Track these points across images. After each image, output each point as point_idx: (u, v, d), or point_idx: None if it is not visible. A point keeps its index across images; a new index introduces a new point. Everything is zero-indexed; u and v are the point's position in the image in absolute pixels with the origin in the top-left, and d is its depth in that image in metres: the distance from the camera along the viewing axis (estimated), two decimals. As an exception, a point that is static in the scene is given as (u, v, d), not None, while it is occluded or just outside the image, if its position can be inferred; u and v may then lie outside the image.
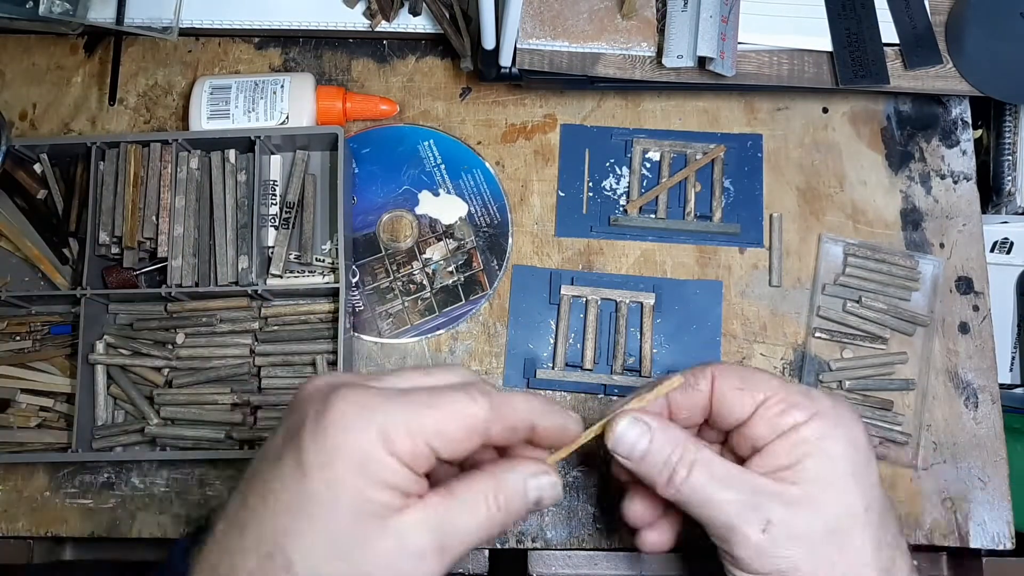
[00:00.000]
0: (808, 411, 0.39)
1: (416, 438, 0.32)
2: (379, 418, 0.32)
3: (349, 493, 0.32)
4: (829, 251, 0.58)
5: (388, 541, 0.32)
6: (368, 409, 0.32)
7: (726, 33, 0.54)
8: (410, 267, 0.58)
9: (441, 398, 0.34)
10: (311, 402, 0.33)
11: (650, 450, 0.39)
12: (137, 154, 0.56)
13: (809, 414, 0.39)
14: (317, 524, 0.32)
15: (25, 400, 0.55)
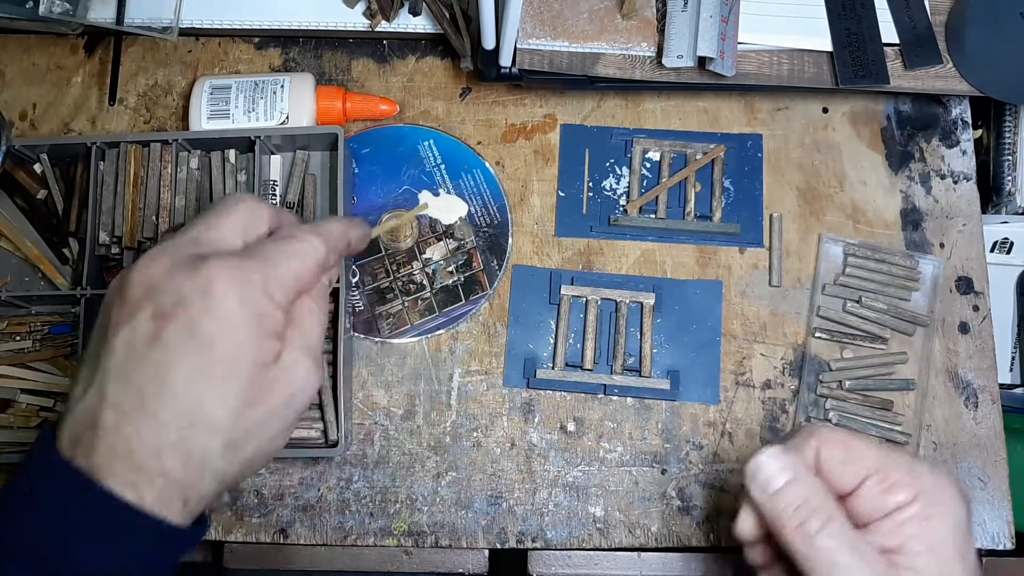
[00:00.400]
0: (911, 490, 0.40)
1: (287, 287, 0.39)
2: (257, 280, 0.37)
3: (250, 350, 0.37)
4: (829, 251, 0.58)
5: (283, 375, 0.38)
6: (245, 274, 0.37)
7: (726, 33, 0.54)
8: (410, 267, 0.58)
9: (290, 252, 0.39)
10: (180, 283, 0.37)
11: (787, 489, 0.40)
12: (137, 154, 0.56)
13: (912, 494, 0.40)
14: (230, 383, 0.36)
15: (25, 400, 0.55)
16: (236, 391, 0.37)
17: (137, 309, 0.37)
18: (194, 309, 0.36)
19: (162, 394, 0.36)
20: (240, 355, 0.37)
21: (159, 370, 0.36)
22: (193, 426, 0.36)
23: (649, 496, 0.54)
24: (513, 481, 0.54)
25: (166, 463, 0.35)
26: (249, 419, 0.37)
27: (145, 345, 0.36)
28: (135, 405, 0.36)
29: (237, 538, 0.53)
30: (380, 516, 0.54)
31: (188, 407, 0.36)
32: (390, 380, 0.56)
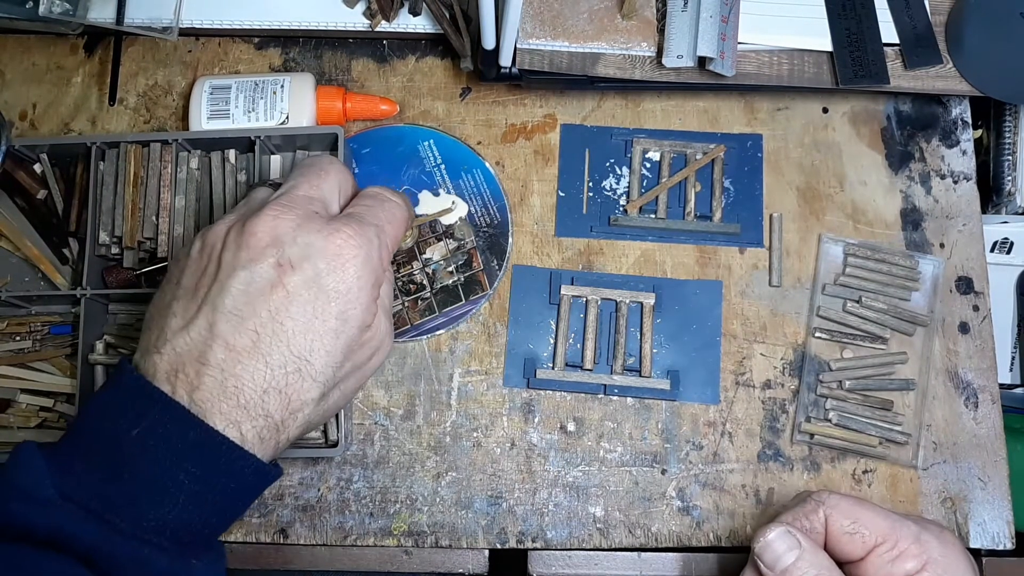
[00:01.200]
0: (919, 559, 0.42)
1: (392, 251, 0.43)
2: (376, 245, 0.41)
3: (362, 311, 0.40)
4: (829, 251, 0.58)
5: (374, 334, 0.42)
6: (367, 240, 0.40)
7: (726, 33, 0.54)
8: (410, 267, 0.58)
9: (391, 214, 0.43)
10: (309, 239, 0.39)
11: (794, 567, 0.41)
12: (137, 154, 0.56)
13: (921, 563, 0.42)
14: (339, 340, 0.39)
15: (25, 400, 0.55)
16: (342, 347, 0.39)
17: (261, 256, 0.39)
18: (322, 264, 0.39)
19: (277, 338, 0.38)
20: (353, 314, 0.39)
21: (277, 315, 0.38)
22: (299, 372, 0.38)
23: (649, 496, 0.54)
24: (513, 481, 0.54)
25: (270, 404, 0.37)
26: (342, 372, 0.40)
27: (265, 289, 0.38)
28: (248, 345, 0.37)
29: (237, 538, 0.53)
30: (380, 516, 0.54)
31: (298, 354, 0.38)
32: (390, 380, 0.56)
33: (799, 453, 0.55)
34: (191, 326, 0.38)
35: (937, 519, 0.53)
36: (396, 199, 0.45)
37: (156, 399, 0.36)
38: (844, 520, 0.43)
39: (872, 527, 0.42)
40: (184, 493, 0.36)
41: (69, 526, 0.34)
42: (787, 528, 0.42)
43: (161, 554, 0.35)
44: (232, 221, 0.41)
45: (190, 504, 0.36)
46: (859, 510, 0.43)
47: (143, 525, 0.35)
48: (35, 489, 0.35)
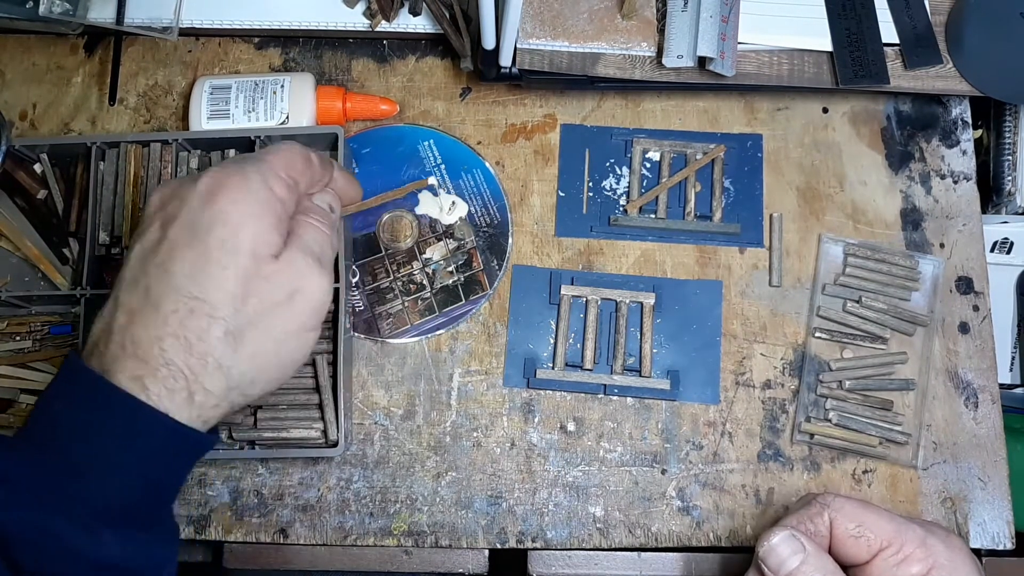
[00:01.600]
0: (925, 563, 0.42)
1: (281, 175, 0.41)
2: (252, 171, 0.39)
3: (248, 236, 0.38)
4: (829, 251, 0.58)
5: (285, 269, 0.39)
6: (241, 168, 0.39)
7: (726, 33, 0.54)
8: (410, 267, 0.58)
9: (275, 147, 0.43)
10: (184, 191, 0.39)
11: (799, 572, 0.41)
12: (137, 154, 0.56)
13: (927, 567, 0.41)
14: (228, 271, 0.37)
15: (26, 400, 0.55)
16: (233, 276, 0.38)
17: (149, 223, 0.40)
18: (195, 203, 0.38)
19: (163, 285, 0.37)
20: (237, 240, 0.38)
21: (163, 266, 0.38)
22: (192, 312, 0.37)
23: (649, 496, 0.54)
24: (513, 481, 0.54)
25: (168, 351, 0.36)
26: (249, 309, 0.38)
27: (152, 249, 0.38)
28: (140, 302, 0.37)
29: (237, 538, 0.53)
30: (380, 516, 0.54)
31: (187, 294, 0.37)
32: (390, 380, 0.56)
33: (799, 453, 0.55)
34: (105, 307, 0.39)
35: (937, 519, 0.53)
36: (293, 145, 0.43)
37: (76, 373, 0.37)
38: (849, 523, 0.43)
39: (877, 530, 0.42)
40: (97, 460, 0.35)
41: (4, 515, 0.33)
42: (791, 531, 0.42)
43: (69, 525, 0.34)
44: None
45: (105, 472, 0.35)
46: (865, 513, 0.43)
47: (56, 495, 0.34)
48: None
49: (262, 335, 0.39)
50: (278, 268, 0.39)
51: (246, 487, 0.54)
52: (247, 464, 0.54)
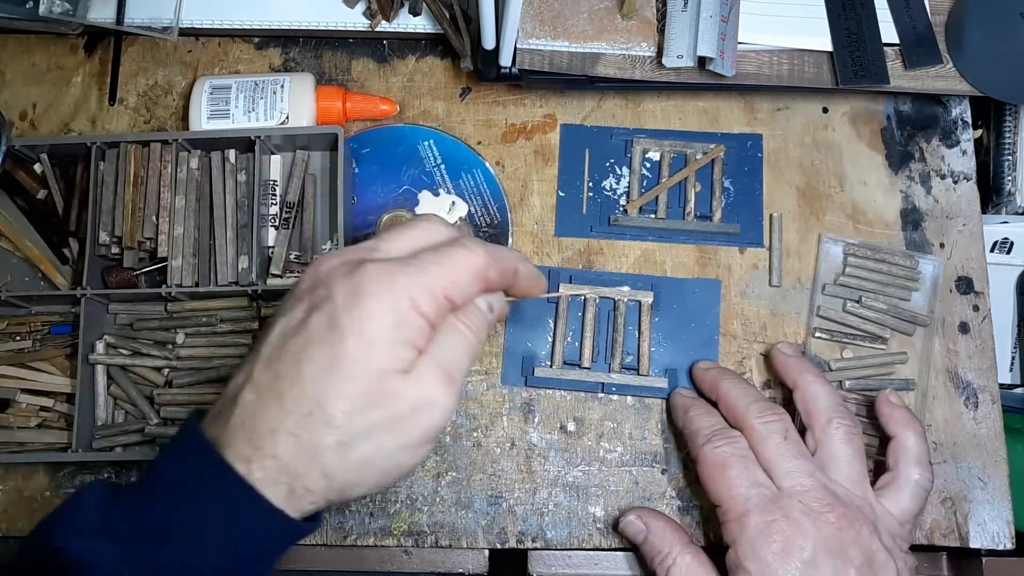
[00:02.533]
0: None
1: (436, 293, 0.38)
2: (404, 283, 0.37)
3: (379, 354, 0.37)
4: (829, 251, 0.58)
5: (412, 387, 0.38)
6: (394, 277, 0.38)
7: (726, 33, 0.54)
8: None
9: (447, 255, 0.39)
10: (334, 280, 0.38)
11: (645, 541, 0.49)
12: (137, 154, 0.56)
13: None
14: (353, 382, 0.36)
15: (25, 400, 0.55)
16: (356, 392, 0.37)
17: (298, 302, 0.39)
18: (340, 301, 0.37)
19: (292, 379, 0.37)
20: (367, 356, 0.37)
21: (297, 356, 0.37)
22: (310, 415, 0.36)
23: (649, 496, 0.54)
24: (513, 481, 0.54)
25: (280, 446, 0.36)
26: (365, 422, 0.37)
27: (292, 332, 0.38)
28: (268, 385, 0.37)
29: (237, 538, 0.53)
30: (380, 516, 0.54)
31: (310, 396, 0.37)
32: (390, 380, 0.56)
33: (799, 453, 0.54)
34: (239, 373, 0.39)
35: (937, 519, 0.53)
36: (468, 244, 0.40)
37: (193, 438, 0.38)
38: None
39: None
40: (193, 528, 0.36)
41: (90, 555, 0.35)
42: (634, 514, 0.50)
43: None
44: None
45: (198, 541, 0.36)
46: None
47: (156, 560, 0.36)
48: (80, 520, 0.36)
49: (374, 447, 0.38)
50: (405, 385, 0.37)
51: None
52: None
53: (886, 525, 0.46)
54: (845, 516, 0.44)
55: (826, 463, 0.47)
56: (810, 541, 0.43)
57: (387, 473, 0.39)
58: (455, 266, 0.39)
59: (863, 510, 0.46)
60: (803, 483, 0.46)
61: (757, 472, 0.46)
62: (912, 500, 0.48)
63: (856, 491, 0.47)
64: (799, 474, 0.46)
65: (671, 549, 0.47)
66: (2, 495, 0.55)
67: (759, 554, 0.44)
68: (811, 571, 0.43)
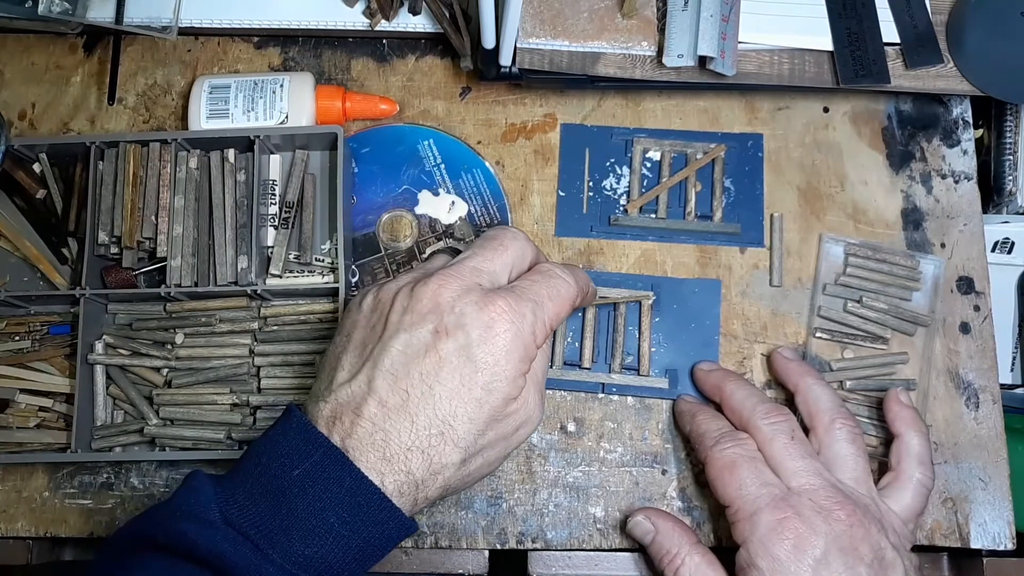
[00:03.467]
0: None
1: (549, 326, 0.44)
2: (530, 320, 0.42)
3: (507, 384, 0.41)
4: (830, 251, 0.57)
5: (521, 407, 0.43)
6: (522, 315, 0.42)
7: (726, 32, 0.54)
8: (410, 267, 0.58)
9: (556, 290, 0.44)
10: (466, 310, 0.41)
11: (653, 541, 0.49)
12: (136, 154, 0.56)
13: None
14: (482, 408, 0.41)
15: (24, 400, 0.55)
16: (485, 416, 0.41)
17: (422, 320, 0.41)
18: (474, 335, 0.41)
19: (424, 400, 0.40)
20: (498, 385, 0.41)
21: (427, 378, 0.40)
22: (442, 435, 0.40)
23: (649, 496, 0.54)
24: (513, 481, 0.54)
25: (412, 462, 0.40)
26: (483, 441, 0.42)
27: (420, 353, 0.41)
28: (398, 404, 0.40)
29: (236, 538, 0.53)
30: (380, 516, 0.53)
31: (443, 418, 0.40)
32: (390, 380, 0.56)
33: (800, 453, 0.54)
34: (354, 380, 0.41)
35: (938, 520, 0.53)
36: (565, 276, 0.45)
37: (319, 443, 0.40)
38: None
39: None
40: (332, 534, 0.38)
41: (227, 548, 0.37)
42: (643, 515, 0.50)
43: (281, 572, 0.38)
44: (404, 283, 0.43)
45: (335, 545, 0.38)
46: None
47: (291, 558, 0.38)
48: (203, 512, 0.38)
49: (484, 460, 0.43)
50: (517, 407, 0.42)
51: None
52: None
53: (891, 524, 0.46)
54: (855, 514, 0.44)
55: (831, 463, 0.47)
56: (822, 538, 0.43)
57: (483, 475, 0.44)
58: (561, 299, 0.44)
59: (870, 508, 0.46)
60: (812, 482, 0.46)
61: (766, 472, 0.46)
62: (915, 499, 0.48)
63: (862, 490, 0.47)
64: (808, 473, 0.46)
65: (679, 549, 0.47)
66: (1, 495, 0.55)
67: (771, 552, 0.44)
68: (823, 568, 0.43)
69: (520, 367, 0.42)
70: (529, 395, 0.43)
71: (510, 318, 0.41)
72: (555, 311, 0.44)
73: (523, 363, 0.42)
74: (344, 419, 0.40)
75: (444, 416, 0.40)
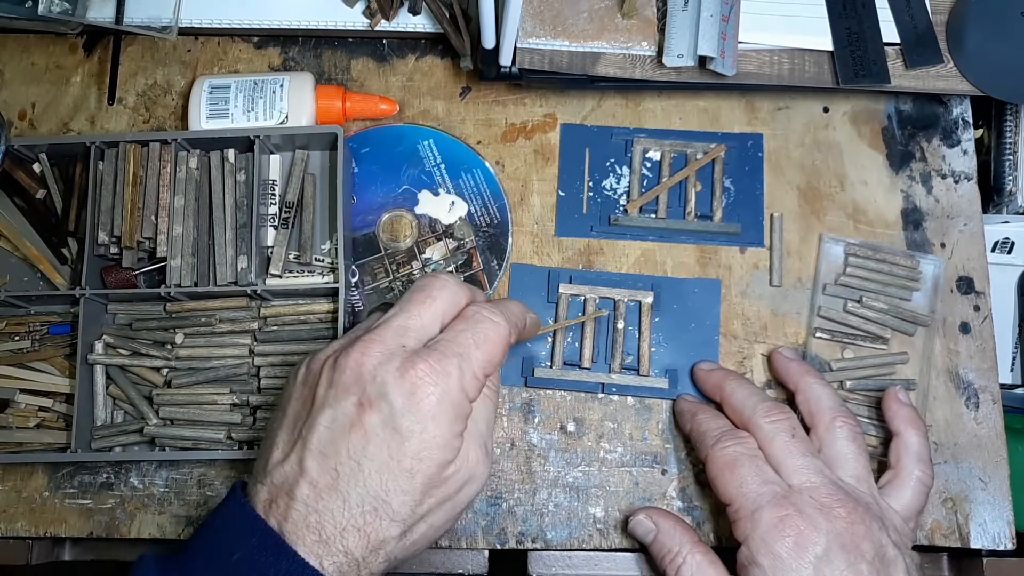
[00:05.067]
0: None
1: (479, 376, 0.42)
2: (456, 376, 0.40)
3: (439, 449, 0.40)
4: (830, 251, 0.57)
5: (462, 468, 0.41)
6: (446, 374, 0.40)
7: (726, 32, 0.54)
8: (410, 267, 0.58)
9: (483, 335, 0.42)
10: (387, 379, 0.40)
11: (654, 540, 0.49)
12: (136, 154, 0.56)
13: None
14: (415, 479, 0.39)
15: (24, 400, 0.55)
16: (419, 486, 0.40)
17: (345, 394, 0.40)
18: (398, 404, 0.39)
19: (354, 478, 0.39)
20: (429, 453, 0.40)
21: (354, 455, 0.39)
22: (376, 511, 0.39)
23: (649, 496, 0.54)
24: (513, 482, 0.54)
25: (349, 542, 0.39)
26: (423, 510, 0.41)
27: (346, 429, 0.40)
28: (329, 484, 0.39)
29: (236, 538, 0.53)
30: (379, 516, 0.53)
31: (375, 494, 0.39)
32: (390, 380, 0.56)
33: (799, 453, 0.54)
34: (286, 460, 0.40)
35: (938, 520, 0.53)
36: (493, 317, 0.43)
37: (256, 527, 0.39)
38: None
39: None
40: None
41: None
42: (644, 514, 0.50)
43: None
44: (332, 351, 0.42)
45: None
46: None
47: None
48: None
49: (428, 525, 0.42)
50: (456, 469, 0.41)
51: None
52: (247, 464, 0.54)
53: (892, 521, 0.46)
54: (855, 511, 0.44)
55: (832, 461, 0.47)
56: (823, 536, 0.43)
57: (433, 539, 0.43)
58: (491, 344, 0.42)
59: (871, 506, 0.46)
60: (813, 480, 0.46)
61: (767, 470, 0.46)
62: (915, 497, 0.48)
63: (863, 488, 0.47)
64: (808, 471, 0.46)
65: (681, 548, 0.47)
66: (1, 495, 0.55)
67: (773, 549, 0.43)
68: (824, 566, 0.43)
69: (453, 428, 0.40)
70: (470, 452, 0.42)
71: (433, 380, 0.40)
72: (485, 359, 0.42)
73: (456, 423, 0.41)
74: (279, 502, 0.39)
75: (376, 492, 0.39)
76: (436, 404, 0.40)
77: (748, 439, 0.48)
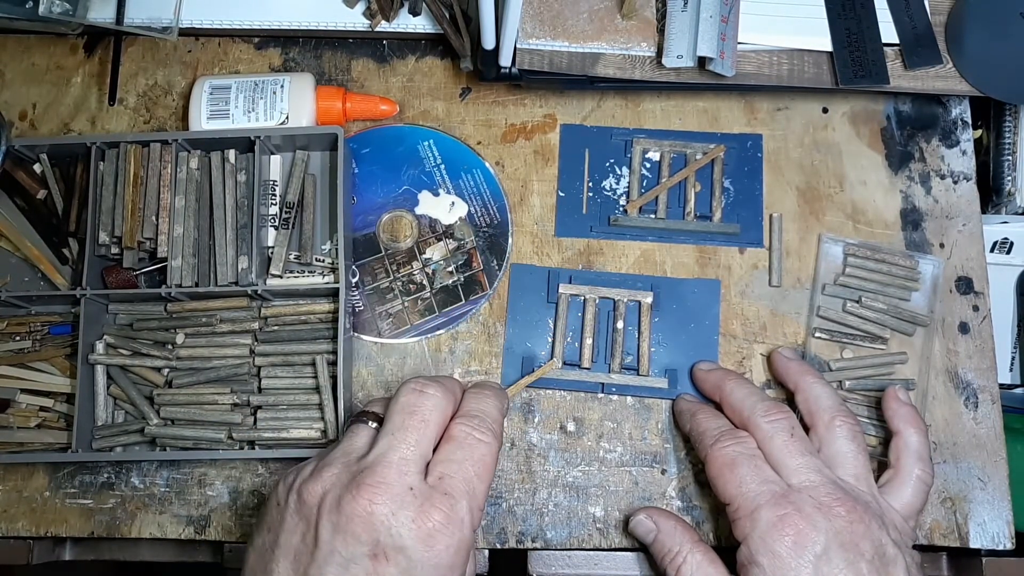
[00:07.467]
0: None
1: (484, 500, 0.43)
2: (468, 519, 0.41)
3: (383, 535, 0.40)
4: (829, 251, 0.58)
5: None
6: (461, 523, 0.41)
7: (726, 33, 0.54)
8: (410, 267, 0.58)
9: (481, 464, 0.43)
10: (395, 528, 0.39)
11: (655, 540, 0.49)
12: (137, 154, 0.56)
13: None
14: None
15: (25, 400, 0.55)
16: None
17: (355, 543, 0.39)
18: (416, 556, 0.39)
19: None
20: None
21: None
22: None
23: (649, 496, 0.54)
24: (513, 481, 0.54)
25: None
26: None
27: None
28: None
29: (237, 538, 0.53)
30: (380, 516, 0.53)
31: None
32: (390, 380, 0.56)
33: (799, 453, 0.54)
34: None
35: (937, 519, 0.53)
36: (484, 438, 0.43)
37: None
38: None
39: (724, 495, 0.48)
40: None
41: None
42: (645, 513, 0.51)
43: None
44: (328, 484, 0.41)
45: None
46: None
47: None
48: None
49: None
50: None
51: (246, 487, 0.54)
52: (247, 464, 0.54)
53: (892, 520, 0.46)
54: (855, 510, 0.44)
55: (831, 460, 0.48)
56: (822, 534, 0.43)
57: None
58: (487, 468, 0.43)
59: (871, 505, 0.46)
60: (812, 479, 0.46)
61: (766, 469, 0.47)
62: (915, 495, 0.48)
63: (862, 487, 0.47)
64: (807, 470, 0.46)
65: (681, 547, 0.48)
66: (2, 495, 0.55)
67: (772, 548, 0.44)
68: (824, 564, 0.43)
69: (465, 566, 0.41)
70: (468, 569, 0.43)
71: (450, 531, 0.40)
72: (485, 487, 0.43)
73: (467, 559, 0.41)
74: None
75: None
76: (454, 553, 0.40)
77: (747, 439, 0.48)
